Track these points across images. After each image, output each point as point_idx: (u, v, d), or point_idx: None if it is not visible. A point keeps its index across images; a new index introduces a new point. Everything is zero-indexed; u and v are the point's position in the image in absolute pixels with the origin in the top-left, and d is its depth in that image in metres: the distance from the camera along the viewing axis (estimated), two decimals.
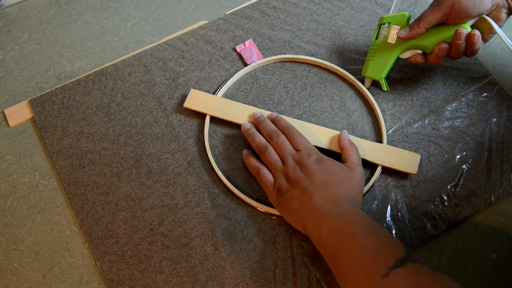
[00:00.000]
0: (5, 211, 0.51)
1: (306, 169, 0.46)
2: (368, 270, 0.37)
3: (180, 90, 0.57)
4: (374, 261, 0.37)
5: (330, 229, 0.42)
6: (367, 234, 0.40)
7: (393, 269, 0.36)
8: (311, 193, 0.45)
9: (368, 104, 0.56)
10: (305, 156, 0.47)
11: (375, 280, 0.36)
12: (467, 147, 0.54)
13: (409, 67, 0.58)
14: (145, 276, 0.47)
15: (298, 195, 0.45)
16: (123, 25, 0.63)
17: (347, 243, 0.40)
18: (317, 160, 0.47)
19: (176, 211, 0.50)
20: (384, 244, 0.38)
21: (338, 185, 0.45)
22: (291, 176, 0.47)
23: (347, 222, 0.41)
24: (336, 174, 0.46)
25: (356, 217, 0.42)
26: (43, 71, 0.60)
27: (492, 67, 0.59)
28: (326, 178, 0.46)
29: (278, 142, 0.49)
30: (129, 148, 0.54)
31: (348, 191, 0.45)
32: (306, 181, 0.46)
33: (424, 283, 0.35)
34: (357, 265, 0.38)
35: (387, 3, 0.63)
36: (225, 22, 0.62)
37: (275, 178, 0.48)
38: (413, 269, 0.36)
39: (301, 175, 0.46)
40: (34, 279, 0.48)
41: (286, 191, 0.46)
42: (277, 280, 0.47)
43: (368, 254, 0.38)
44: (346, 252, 0.39)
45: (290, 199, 0.46)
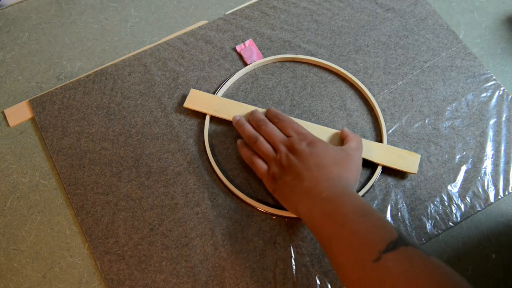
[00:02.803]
0: (5, 211, 0.51)
1: (298, 154, 0.46)
2: (359, 254, 0.36)
3: (180, 90, 0.57)
4: (366, 245, 0.37)
5: (321, 212, 0.41)
6: (358, 217, 0.39)
7: (385, 253, 0.35)
8: (303, 177, 0.44)
9: (368, 104, 0.56)
10: (297, 141, 0.47)
11: (367, 264, 0.35)
12: (467, 147, 0.54)
13: (409, 66, 0.58)
14: (145, 276, 0.47)
15: (291, 181, 0.45)
16: (123, 25, 0.63)
17: (338, 227, 0.39)
18: (309, 144, 0.47)
19: (176, 211, 0.50)
20: (375, 227, 0.38)
21: (331, 166, 0.45)
22: (284, 162, 0.46)
23: (338, 204, 0.41)
24: (330, 155, 0.46)
25: (348, 199, 0.41)
26: (43, 71, 0.60)
27: (492, 67, 0.59)
28: (319, 160, 0.45)
29: (267, 130, 0.49)
30: (129, 148, 0.54)
31: (341, 172, 0.45)
32: (299, 165, 0.45)
33: (416, 268, 0.34)
34: (349, 250, 0.37)
35: (387, 3, 0.63)
36: (225, 22, 0.62)
37: (269, 166, 0.48)
38: (405, 253, 0.35)
39: (294, 160, 0.46)
40: (34, 279, 0.48)
41: (280, 177, 0.46)
42: (277, 280, 0.47)
43: (359, 237, 0.37)
44: (338, 236, 0.38)
45: (283, 186, 0.46)
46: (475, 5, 0.64)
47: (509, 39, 0.61)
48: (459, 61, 0.59)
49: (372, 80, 0.57)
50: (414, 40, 0.60)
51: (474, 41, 0.61)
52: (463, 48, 0.59)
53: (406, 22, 0.61)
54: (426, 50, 0.59)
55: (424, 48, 0.60)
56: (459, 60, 0.59)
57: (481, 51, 0.60)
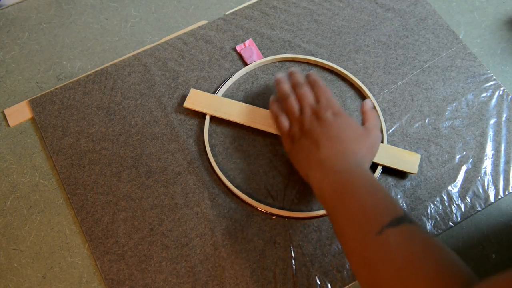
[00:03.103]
0: (5, 211, 0.51)
1: (321, 121, 0.47)
2: (362, 226, 0.37)
3: (180, 90, 0.57)
4: (370, 218, 0.37)
5: (332, 183, 0.42)
6: (367, 192, 0.40)
7: (387, 228, 0.36)
8: (321, 144, 0.45)
9: None
10: (324, 108, 0.48)
11: (369, 236, 0.36)
12: (467, 147, 0.54)
13: (409, 66, 0.58)
14: (145, 276, 0.47)
15: (308, 145, 0.46)
16: (123, 25, 0.63)
17: (346, 199, 0.40)
18: (335, 114, 0.47)
19: (176, 211, 0.50)
20: (382, 203, 0.39)
21: (350, 141, 0.45)
22: (306, 125, 0.47)
23: (350, 179, 0.41)
24: (351, 130, 0.46)
25: (360, 175, 0.42)
26: (43, 71, 0.60)
27: (492, 67, 0.59)
28: (339, 133, 0.46)
29: (301, 92, 0.50)
30: (129, 148, 0.54)
31: (358, 149, 0.45)
32: (320, 132, 0.46)
33: (415, 245, 0.35)
34: (354, 221, 0.38)
35: (387, 3, 0.63)
36: (225, 22, 0.62)
37: (291, 125, 0.49)
38: (407, 230, 0.36)
39: (315, 126, 0.46)
40: (34, 279, 0.48)
41: (299, 139, 0.47)
42: (277, 280, 0.47)
43: (366, 210, 0.38)
44: (345, 207, 0.39)
45: (300, 148, 0.46)
46: (475, 5, 0.64)
47: (509, 39, 0.61)
48: (459, 61, 0.59)
49: (372, 80, 0.57)
50: (414, 40, 0.60)
51: (474, 41, 0.61)
52: (463, 48, 0.59)
53: (406, 22, 0.61)
54: (426, 50, 0.59)
55: (424, 48, 0.60)
56: (459, 60, 0.59)
57: (481, 51, 0.60)
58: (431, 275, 0.32)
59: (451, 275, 0.32)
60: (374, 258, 0.35)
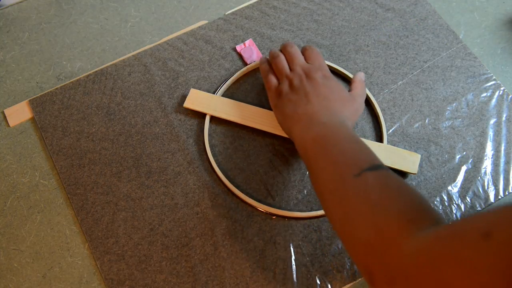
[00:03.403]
0: (5, 211, 0.51)
1: (311, 80, 0.48)
2: (342, 169, 0.38)
3: (180, 90, 0.57)
4: (350, 162, 0.38)
5: (315, 134, 0.43)
6: (349, 142, 0.41)
7: (366, 171, 0.37)
8: (309, 100, 0.46)
9: (368, 104, 0.56)
10: (314, 69, 0.49)
11: (347, 177, 0.37)
12: (467, 147, 0.54)
13: (409, 66, 0.58)
14: (145, 276, 0.47)
15: (296, 99, 0.47)
16: (123, 25, 0.63)
17: (328, 146, 0.41)
18: (324, 76, 0.49)
19: (176, 211, 0.50)
20: (363, 152, 0.40)
21: (336, 102, 0.47)
22: (295, 83, 0.48)
23: (333, 130, 0.43)
24: (338, 93, 0.48)
25: (344, 129, 0.43)
26: (43, 71, 0.60)
27: (492, 67, 0.59)
28: (327, 93, 0.47)
29: (291, 52, 0.51)
30: (129, 148, 0.54)
31: (343, 109, 0.47)
32: (308, 89, 0.47)
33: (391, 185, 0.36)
34: (333, 165, 0.39)
35: (387, 3, 0.63)
36: (225, 22, 0.62)
37: (279, 83, 0.50)
38: (385, 174, 0.37)
39: (305, 84, 0.48)
40: (34, 279, 0.48)
41: (286, 95, 0.48)
42: (277, 280, 0.47)
43: (346, 156, 0.39)
44: (326, 154, 0.40)
45: (287, 102, 0.47)
46: (475, 5, 0.64)
47: (509, 39, 0.61)
48: (459, 61, 0.59)
49: (372, 80, 0.57)
50: (414, 40, 0.60)
51: (474, 41, 0.61)
52: (463, 48, 0.59)
53: (406, 22, 0.61)
54: (426, 50, 0.59)
55: (424, 48, 0.60)
56: (459, 60, 0.59)
57: (481, 51, 0.60)
58: (405, 211, 0.34)
59: (424, 213, 0.34)
60: (350, 196, 0.36)
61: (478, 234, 0.25)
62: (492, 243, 0.24)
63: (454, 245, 0.27)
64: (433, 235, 0.30)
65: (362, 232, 0.34)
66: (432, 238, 0.29)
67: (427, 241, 0.30)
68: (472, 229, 0.26)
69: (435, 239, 0.29)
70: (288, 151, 0.53)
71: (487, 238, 0.25)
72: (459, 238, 0.27)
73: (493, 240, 0.24)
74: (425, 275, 0.28)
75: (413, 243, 0.30)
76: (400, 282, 0.30)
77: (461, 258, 0.26)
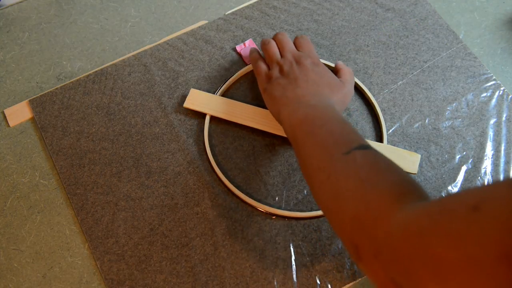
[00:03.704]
0: (5, 211, 0.51)
1: (301, 66, 0.49)
2: (331, 148, 0.38)
3: (180, 90, 0.57)
4: (339, 142, 0.39)
5: (303, 115, 0.43)
6: (338, 123, 0.41)
7: (354, 150, 0.37)
8: (298, 84, 0.47)
9: (368, 104, 0.56)
10: (304, 56, 0.50)
11: (336, 155, 0.37)
12: (467, 147, 0.54)
13: (409, 66, 0.58)
14: (145, 276, 0.47)
15: (285, 84, 0.48)
16: (123, 25, 0.63)
17: (316, 127, 0.41)
18: (314, 63, 0.50)
19: (176, 211, 0.50)
20: (351, 133, 0.40)
21: (325, 87, 0.48)
22: (286, 68, 0.49)
23: (322, 111, 0.43)
24: (327, 79, 0.49)
25: (333, 111, 0.43)
26: (43, 71, 0.60)
27: (492, 67, 0.59)
28: (316, 78, 0.48)
29: (282, 39, 0.52)
30: (129, 148, 0.54)
31: (331, 95, 0.47)
32: (297, 74, 0.48)
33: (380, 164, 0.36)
34: (322, 144, 0.39)
35: (387, 3, 0.63)
36: (225, 22, 0.62)
37: (269, 69, 0.51)
38: (374, 153, 0.37)
39: (295, 69, 0.49)
40: (34, 279, 0.48)
41: (276, 79, 0.49)
42: (277, 280, 0.47)
43: (334, 136, 0.40)
44: (314, 134, 0.41)
45: (276, 86, 0.48)
46: (475, 5, 0.64)
47: (509, 39, 0.61)
48: (459, 61, 0.59)
49: (372, 80, 0.57)
50: (414, 40, 0.60)
51: (474, 41, 0.61)
52: (463, 48, 0.59)
53: (406, 22, 0.61)
54: (426, 50, 0.59)
55: (424, 48, 0.60)
56: (459, 60, 0.59)
57: (481, 51, 0.60)
58: (394, 186, 0.34)
59: (413, 189, 0.34)
60: (339, 172, 0.36)
61: (467, 207, 0.25)
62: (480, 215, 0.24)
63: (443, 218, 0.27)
64: (422, 209, 0.30)
65: (351, 206, 0.34)
66: (421, 211, 0.29)
67: (415, 214, 0.30)
68: (461, 202, 0.26)
69: (424, 212, 0.29)
70: (288, 151, 0.53)
71: (476, 211, 0.25)
72: (448, 211, 0.27)
73: (481, 213, 0.24)
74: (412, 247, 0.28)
75: (402, 216, 0.30)
76: (387, 253, 0.30)
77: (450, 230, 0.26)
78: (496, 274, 0.23)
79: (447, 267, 0.25)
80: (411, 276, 0.28)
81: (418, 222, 0.29)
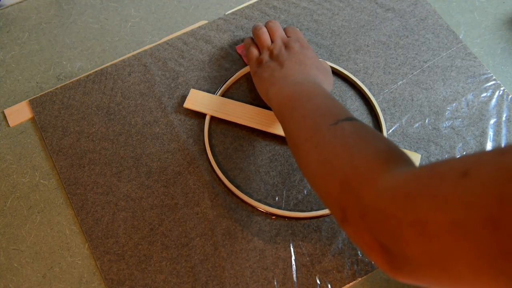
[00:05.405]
0: (5, 211, 0.51)
1: (289, 49, 0.51)
2: (318, 120, 0.39)
3: (180, 90, 0.57)
4: (326, 114, 0.39)
5: (291, 91, 0.45)
6: (324, 97, 0.42)
7: (342, 121, 0.38)
8: (285, 65, 0.49)
9: (368, 104, 0.56)
10: (293, 40, 0.52)
11: (324, 126, 0.38)
12: (467, 147, 0.54)
13: (409, 66, 0.58)
14: (145, 276, 0.47)
15: (274, 65, 0.50)
16: (123, 25, 0.63)
17: (303, 101, 0.42)
18: (302, 46, 0.52)
19: (176, 211, 0.50)
20: (338, 107, 0.41)
21: (312, 67, 0.49)
22: (275, 51, 0.51)
23: (308, 87, 0.44)
24: (314, 60, 0.50)
25: (319, 88, 0.44)
26: (43, 71, 0.60)
27: (492, 67, 0.59)
28: (304, 59, 0.50)
29: (273, 26, 0.55)
30: (129, 147, 0.54)
31: (318, 75, 0.49)
32: (286, 57, 0.50)
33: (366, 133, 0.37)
34: (309, 117, 0.40)
35: (387, 3, 0.63)
36: (225, 22, 0.62)
37: (260, 54, 0.53)
38: (361, 124, 0.38)
39: (283, 52, 0.51)
40: (34, 279, 0.48)
41: (265, 62, 0.51)
42: (277, 280, 0.47)
43: (322, 109, 0.40)
44: (301, 108, 0.41)
45: (265, 69, 0.50)
46: (475, 5, 0.64)
47: (509, 39, 0.61)
48: (459, 61, 0.59)
49: (372, 80, 0.57)
50: (414, 40, 0.60)
51: (474, 41, 0.61)
52: (463, 48, 0.59)
53: (406, 22, 0.61)
54: (426, 50, 0.59)
55: (424, 48, 0.60)
56: (459, 60, 0.59)
57: (481, 51, 0.60)
58: (381, 150, 0.34)
59: (399, 156, 0.34)
60: (327, 140, 0.37)
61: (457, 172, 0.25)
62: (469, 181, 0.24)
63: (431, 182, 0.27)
64: (410, 173, 0.30)
65: (338, 171, 0.34)
66: (409, 175, 0.30)
67: (403, 177, 0.30)
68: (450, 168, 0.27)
69: (412, 176, 0.29)
70: (288, 151, 0.53)
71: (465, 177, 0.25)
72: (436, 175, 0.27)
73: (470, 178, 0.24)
74: (398, 209, 0.28)
75: (389, 178, 0.31)
76: (373, 215, 0.30)
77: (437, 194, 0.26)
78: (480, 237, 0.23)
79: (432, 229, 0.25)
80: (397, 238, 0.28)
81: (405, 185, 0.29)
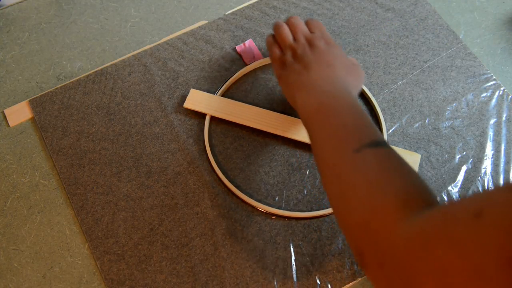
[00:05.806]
0: (5, 211, 0.51)
1: (315, 48, 0.47)
2: (342, 143, 0.38)
3: (180, 90, 0.57)
4: (351, 136, 0.38)
5: (318, 102, 0.42)
6: (351, 113, 0.40)
7: (366, 147, 0.36)
8: (311, 68, 0.45)
9: (368, 104, 0.56)
10: (318, 37, 0.48)
11: (347, 152, 0.37)
12: (467, 147, 0.54)
13: (409, 66, 0.58)
14: (145, 276, 0.47)
15: (299, 69, 0.46)
16: (123, 25, 0.63)
17: (330, 117, 0.40)
18: (328, 44, 0.48)
19: (176, 211, 0.50)
20: (365, 125, 0.39)
21: (340, 69, 0.46)
22: (299, 51, 0.47)
23: (336, 100, 0.42)
24: (342, 59, 0.47)
25: (346, 99, 0.42)
26: (43, 71, 0.60)
27: (492, 67, 0.59)
28: (330, 60, 0.46)
29: (294, 22, 0.50)
30: (129, 147, 0.54)
31: (347, 76, 0.46)
32: (312, 58, 0.46)
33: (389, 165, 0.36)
34: (334, 137, 0.39)
35: (387, 3, 0.63)
36: (225, 22, 0.62)
37: (283, 53, 0.49)
38: (384, 152, 0.37)
39: (308, 53, 0.47)
40: (34, 279, 0.48)
41: (290, 65, 0.47)
42: (277, 280, 0.47)
43: (347, 129, 0.39)
44: (327, 124, 0.40)
45: (291, 72, 0.47)
46: (475, 5, 0.64)
47: (509, 39, 0.61)
48: (459, 61, 0.59)
49: (372, 80, 0.57)
50: (414, 40, 0.60)
51: (474, 41, 0.61)
52: (463, 48, 0.59)
53: (406, 22, 0.61)
54: (426, 50, 0.59)
55: (424, 48, 0.60)
56: (459, 60, 0.59)
57: (481, 51, 0.60)
58: (400, 191, 0.33)
59: (418, 194, 0.33)
60: (348, 171, 0.36)
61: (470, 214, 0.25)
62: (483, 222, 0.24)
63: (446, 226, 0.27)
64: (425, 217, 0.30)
65: (357, 212, 0.34)
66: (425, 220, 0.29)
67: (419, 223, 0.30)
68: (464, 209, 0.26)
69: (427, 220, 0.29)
70: (288, 151, 0.53)
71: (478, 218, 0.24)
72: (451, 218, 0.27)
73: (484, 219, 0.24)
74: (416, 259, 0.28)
75: (406, 226, 0.30)
76: (391, 264, 0.30)
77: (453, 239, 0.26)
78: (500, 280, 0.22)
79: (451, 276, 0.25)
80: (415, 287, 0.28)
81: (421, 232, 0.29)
